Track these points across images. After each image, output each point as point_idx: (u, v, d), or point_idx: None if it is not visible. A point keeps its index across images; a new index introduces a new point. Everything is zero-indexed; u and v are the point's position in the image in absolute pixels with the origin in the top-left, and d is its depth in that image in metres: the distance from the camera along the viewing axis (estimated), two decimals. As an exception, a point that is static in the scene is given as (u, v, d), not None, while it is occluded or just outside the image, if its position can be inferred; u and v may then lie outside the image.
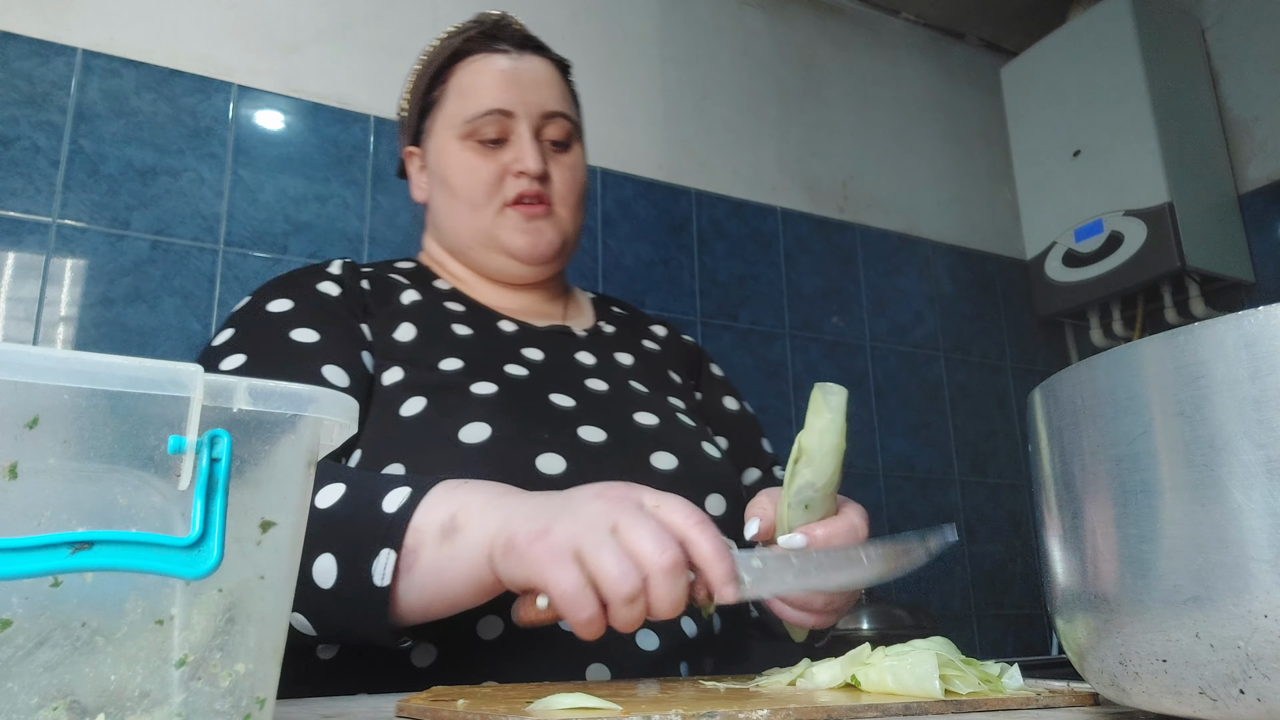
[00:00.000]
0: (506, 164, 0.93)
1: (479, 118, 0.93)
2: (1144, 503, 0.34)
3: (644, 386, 0.94)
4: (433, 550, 0.61)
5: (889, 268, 2.11)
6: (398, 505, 0.63)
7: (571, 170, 0.97)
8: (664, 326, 1.10)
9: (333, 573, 0.62)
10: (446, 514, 0.61)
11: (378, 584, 0.61)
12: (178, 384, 0.31)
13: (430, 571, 0.61)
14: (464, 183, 0.94)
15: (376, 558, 0.61)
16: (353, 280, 0.90)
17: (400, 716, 0.48)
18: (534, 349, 0.91)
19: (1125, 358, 0.35)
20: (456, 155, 0.95)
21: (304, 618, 0.65)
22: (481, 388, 0.81)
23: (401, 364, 0.83)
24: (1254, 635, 0.30)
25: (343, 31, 1.61)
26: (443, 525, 0.61)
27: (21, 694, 0.29)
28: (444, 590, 0.61)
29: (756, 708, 0.41)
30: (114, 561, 0.29)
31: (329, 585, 0.62)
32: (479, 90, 0.94)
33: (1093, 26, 2.12)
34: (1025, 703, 0.46)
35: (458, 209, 0.96)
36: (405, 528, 0.61)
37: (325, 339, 0.82)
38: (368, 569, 0.61)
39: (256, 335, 0.81)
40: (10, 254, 1.29)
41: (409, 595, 0.62)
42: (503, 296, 0.99)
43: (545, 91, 0.96)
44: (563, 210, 0.96)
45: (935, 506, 2.00)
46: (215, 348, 0.80)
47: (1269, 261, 2.05)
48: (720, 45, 2.04)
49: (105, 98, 1.39)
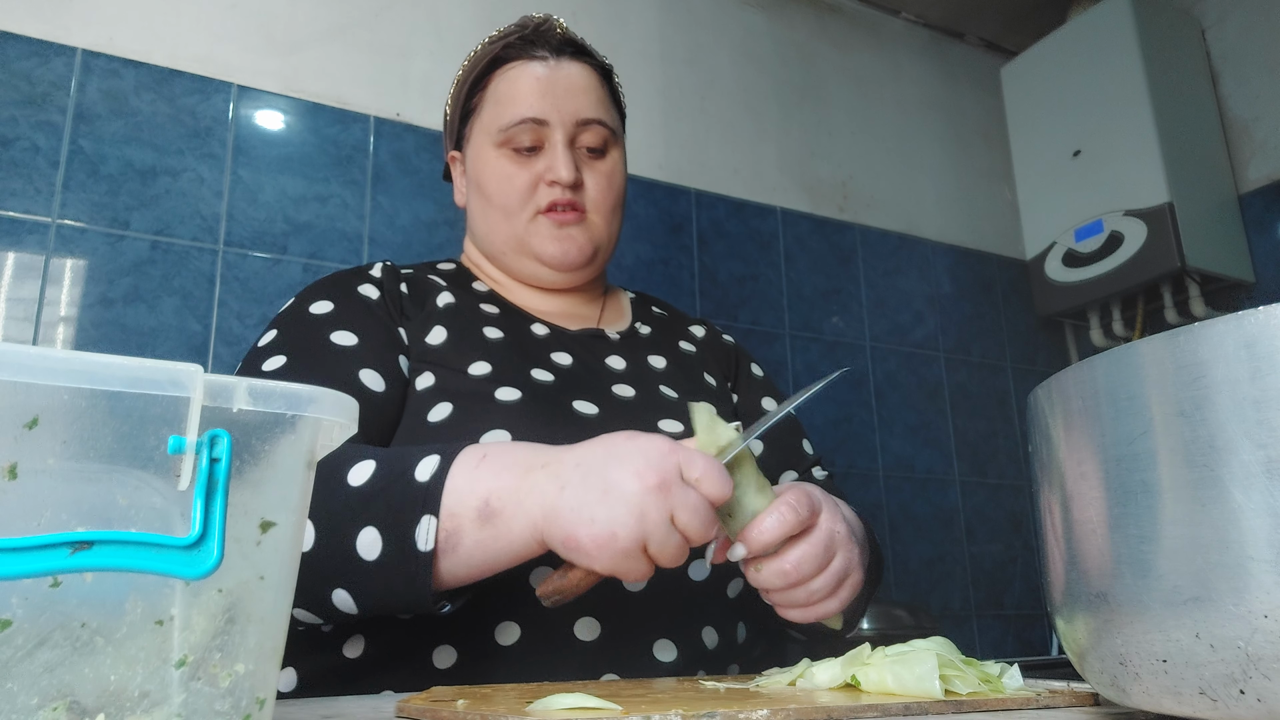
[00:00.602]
0: (540, 172, 0.94)
1: (513, 126, 0.94)
2: (1144, 503, 0.34)
3: (674, 391, 0.94)
4: (474, 534, 0.64)
5: (889, 268, 2.11)
6: (430, 474, 0.65)
7: (607, 178, 0.97)
8: (704, 327, 1.09)
9: (378, 544, 0.64)
10: (480, 499, 0.64)
11: (422, 549, 0.63)
12: (177, 384, 0.31)
13: (475, 552, 0.64)
14: (498, 190, 0.95)
15: (418, 525, 0.63)
16: (392, 283, 0.91)
17: (400, 717, 0.48)
18: (564, 353, 0.91)
19: (1125, 358, 0.35)
20: (492, 163, 0.96)
21: (347, 594, 0.66)
22: (506, 394, 0.82)
23: (432, 368, 0.84)
24: (1254, 635, 0.30)
25: (343, 31, 1.61)
26: (479, 511, 0.63)
27: (21, 694, 0.29)
28: (490, 563, 0.65)
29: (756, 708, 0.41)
30: (114, 562, 0.29)
31: (374, 557, 0.64)
32: (514, 99, 0.95)
33: (1093, 26, 2.12)
34: (1025, 703, 0.46)
35: (492, 215, 0.97)
36: (440, 493, 0.64)
37: (364, 342, 0.83)
38: (411, 537, 0.63)
39: (297, 337, 0.82)
40: (10, 254, 1.29)
41: (455, 570, 0.65)
42: (539, 299, 1.00)
43: (581, 99, 0.96)
44: (596, 217, 0.97)
45: (935, 506, 2.00)
46: (259, 349, 0.82)
47: (1269, 261, 2.05)
48: (720, 45, 2.04)
49: (105, 98, 1.39)
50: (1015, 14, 2.37)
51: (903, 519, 1.95)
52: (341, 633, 0.77)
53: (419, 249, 1.57)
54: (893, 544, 1.92)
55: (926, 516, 1.98)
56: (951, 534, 2.01)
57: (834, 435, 1.91)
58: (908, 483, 1.98)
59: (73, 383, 0.30)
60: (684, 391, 0.94)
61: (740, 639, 0.82)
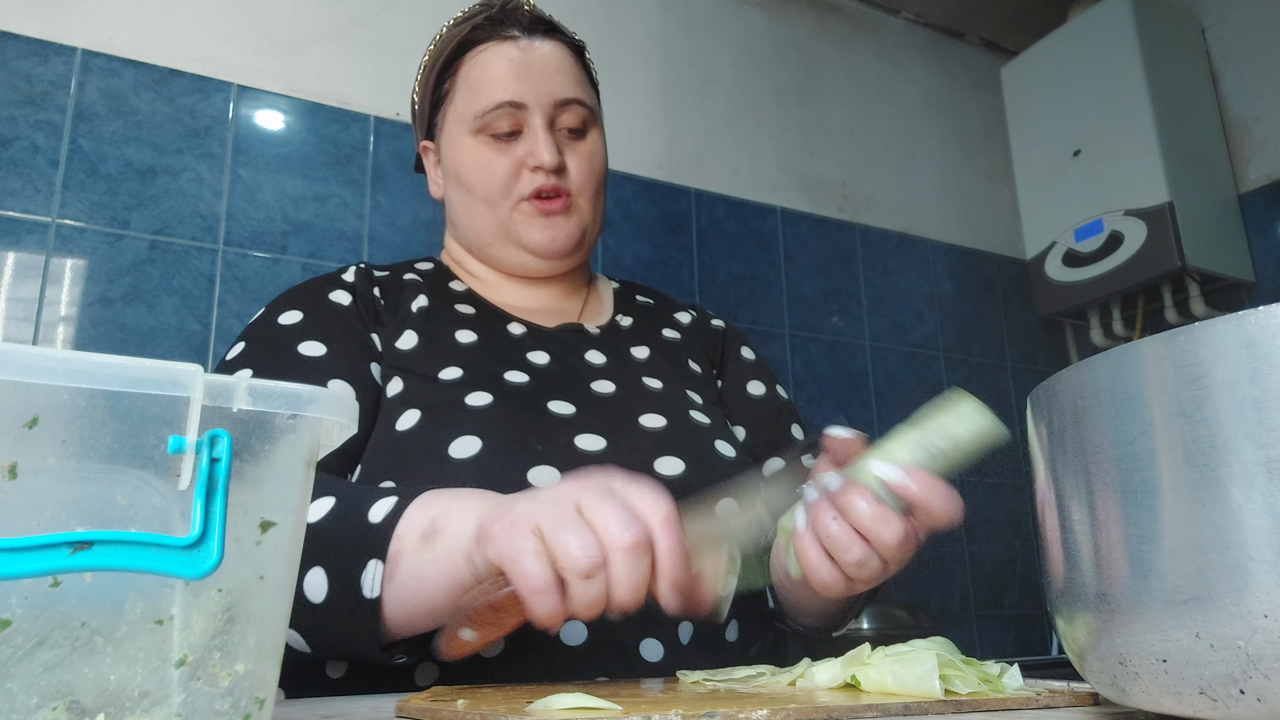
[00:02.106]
0: (521, 158, 0.91)
1: (490, 111, 0.90)
2: (1144, 503, 0.34)
3: (658, 382, 0.91)
4: (413, 556, 0.59)
5: (889, 267, 2.11)
6: (383, 515, 0.62)
7: (589, 159, 0.94)
8: (691, 313, 1.06)
9: (324, 586, 0.62)
10: (428, 519, 0.60)
11: (367, 595, 0.60)
12: (177, 384, 0.31)
13: (410, 577, 0.59)
14: (479, 179, 0.92)
15: (365, 569, 0.60)
16: (365, 288, 0.89)
17: (400, 717, 0.48)
18: (540, 353, 0.89)
19: (1125, 358, 0.35)
20: (470, 151, 0.92)
21: (298, 634, 0.64)
22: (476, 399, 0.79)
23: (402, 374, 0.82)
24: (1254, 635, 0.30)
25: (342, 31, 1.61)
26: (423, 530, 0.60)
27: (21, 694, 0.29)
28: (423, 595, 0.59)
29: (756, 707, 0.41)
30: (114, 561, 0.29)
31: (320, 599, 0.62)
32: (489, 83, 0.91)
33: (1093, 26, 2.12)
34: (1025, 703, 0.46)
35: (474, 206, 0.93)
36: (390, 536, 0.60)
37: (332, 352, 0.81)
38: (357, 581, 0.60)
39: (265, 349, 0.80)
40: (10, 254, 1.29)
41: (391, 604, 0.61)
42: (520, 294, 0.97)
43: (557, 79, 0.92)
44: (582, 200, 0.93)
45: (935, 506, 2.00)
46: (227, 362, 0.80)
47: (1269, 261, 2.05)
48: (720, 45, 2.04)
49: (104, 97, 1.39)
50: (1015, 14, 2.37)
51: (902, 519, 1.94)
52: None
53: (418, 249, 1.57)
54: (892, 544, 1.91)
55: (926, 516, 1.98)
56: (951, 534, 2.01)
57: (834, 435, 1.91)
58: (907, 482, 1.98)
59: (73, 382, 0.30)
60: (667, 381, 0.91)
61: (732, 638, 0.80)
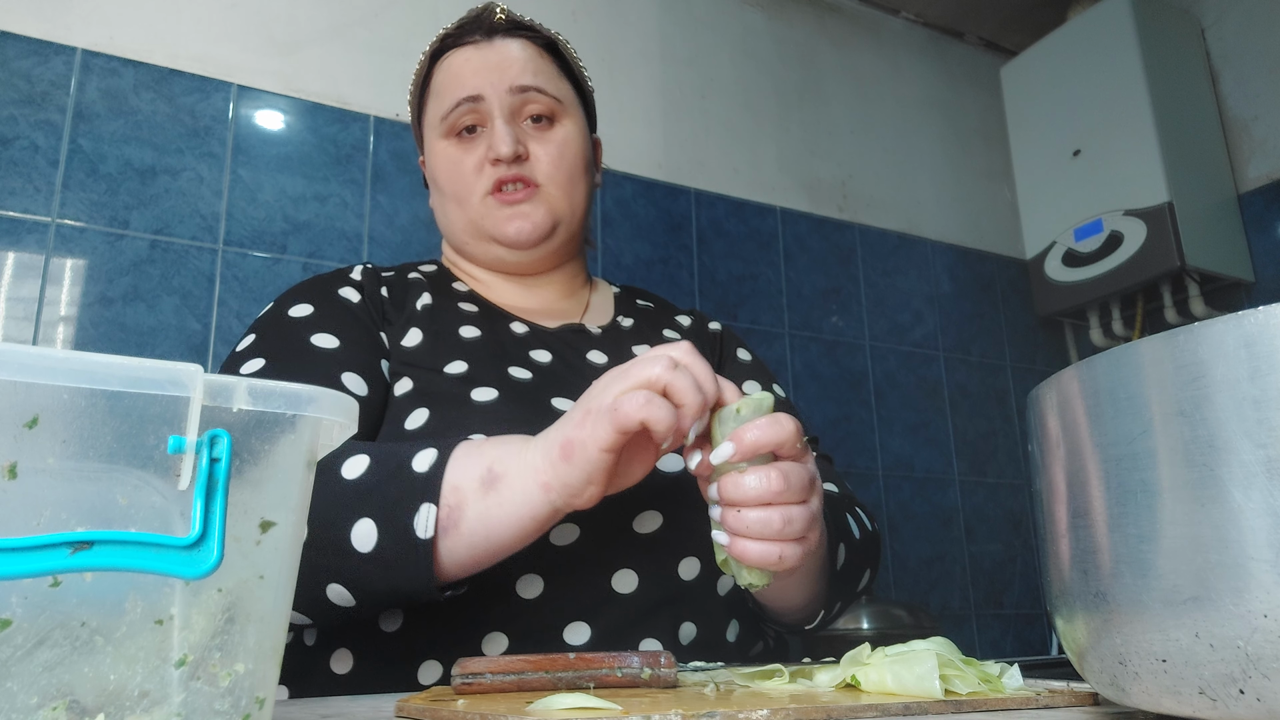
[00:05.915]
0: (484, 153, 0.92)
1: (451, 111, 0.93)
2: (1144, 503, 0.34)
3: None
4: (477, 504, 0.63)
5: (889, 267, 2.11)
6: (428, 464, 0.65)
7: (557, 145, 0.93)
8: (692, 317, 1.07)
9: (373, 536, 0.63)
10: (482, 468, 0.64)
11: (421, 537, 0.63)
12: (177, 384, 0.31)
13: (478, 524, 0.63)
14: (448, 178, 0.94)
15: (417, 513, 0.63)
16: (373, 286, 0.90)
17: (400, 716, 0.48)
18: (543, 351, 0.90)
19: (1125, 358, 0.35)
20: (441, 153, 0.95)
21: (343, 588, 0.65)
22: (482, 394, 0.80)
23: (410, 371, 0.83)
24: (1254, 635, 0.30)
25: (342, 31, 1.61)
26: (481, 478, 0.63)
27: (21, 694, 0.29)
28: (493, 538, 0.64)
29: (756, 707, 0.41)
30: (114, 561, 0.29)
31: (369, 549, 0.63)
32: (450, 85, 0.94)
33: (1093, 26, 2.12)
34: (1025, 703, 0.46)
35: (448, 205, 0.96)
36: (440, 482, 0.63)
37: (345, 345, 0.82)
38: (409, 525, 0.63)
39: (277, 340, 0.81)
40: (10, 254, 1.29)
41: (457, 551, 0.64)
42: (520, 295, 0.98)
43: (514, 69, 0.93)
44: (551, 189, 0.93)
45: (934, 506, 2.00)
46: (238, 353, 0.80)
47: (1269, 261, 2.05)
48: (720, 45, 2.04)
49: (104, 97, 1.39)
50: (1015, 14, 2.37)
51: (902, 518, 1.95)
52: (327, 647, 0.75)
53: (418, 248, 1.57)
54: (892, 544, 1.92)
55: (926, 516, 1.98)
56: (951, 534, 2.01)
57: (833, 434, 1.91)
58: (907, 482, 1.98)
59: (72, 382, 0.30)
60: None
61: (731, 638, 0.81)
